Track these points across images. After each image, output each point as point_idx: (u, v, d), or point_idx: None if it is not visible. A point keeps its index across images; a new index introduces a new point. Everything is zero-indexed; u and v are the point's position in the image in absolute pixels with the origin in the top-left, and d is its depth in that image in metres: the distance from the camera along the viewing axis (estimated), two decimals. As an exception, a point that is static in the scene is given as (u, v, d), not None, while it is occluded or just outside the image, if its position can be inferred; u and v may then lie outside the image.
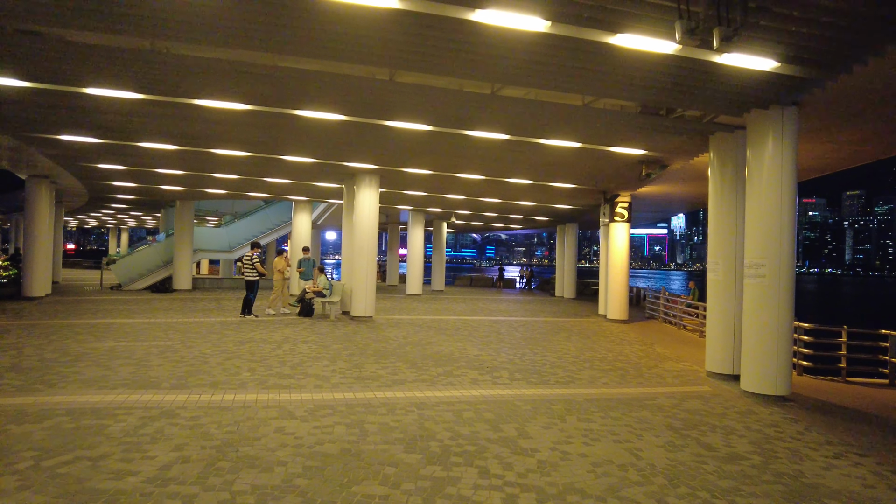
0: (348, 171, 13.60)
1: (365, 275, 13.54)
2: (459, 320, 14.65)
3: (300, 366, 8.03)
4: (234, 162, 12.97)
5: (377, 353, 9.25)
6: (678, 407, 6.74)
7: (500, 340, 11.37)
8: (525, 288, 34.45)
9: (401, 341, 10.66)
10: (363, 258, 13.61)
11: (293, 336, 10.78)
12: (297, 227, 21.16)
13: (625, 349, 11.16)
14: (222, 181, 16.20)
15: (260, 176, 15.13)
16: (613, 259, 16.62)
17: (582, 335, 12.88)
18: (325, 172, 14.23)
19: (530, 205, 19.74)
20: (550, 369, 8.63)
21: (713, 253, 8.87)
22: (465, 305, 19.42)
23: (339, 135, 9.97)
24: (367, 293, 13.59)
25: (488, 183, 14.70)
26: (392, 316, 15.00)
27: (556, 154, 10.70)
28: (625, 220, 16.50)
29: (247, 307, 13.64)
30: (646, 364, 9.61)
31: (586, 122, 8.53)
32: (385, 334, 11.50)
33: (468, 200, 19.16)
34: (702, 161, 11.18)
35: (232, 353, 8.85)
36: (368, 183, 13.65)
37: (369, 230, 13.68)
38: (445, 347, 10.16)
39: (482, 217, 25.79)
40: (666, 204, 19.63)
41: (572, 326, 14.58)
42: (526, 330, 13.29)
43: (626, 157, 10.87)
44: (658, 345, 12.14)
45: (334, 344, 10.03)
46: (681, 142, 9.54)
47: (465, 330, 12.74)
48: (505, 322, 14.72)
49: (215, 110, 8.43)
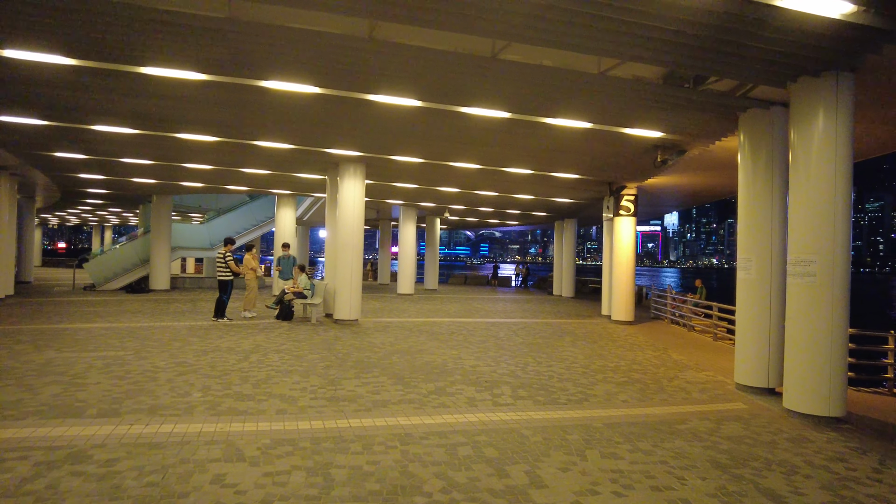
0: (331, 159, 12.36)
1: (350, 274, 12.33)
2: (453, 323, 13.47)
3: (265, 383, 6.81)
4: (204, 150, 11.70)
5: (359, 365, 8.04)
6: (717, 433, 5.59)
7: (499, 347, 10.19)
8: (521, 286, 33.33)
9: (387, 349, 9.46)
10: (348, 255, 12.39)
11: (265, 344, 9.55)
12: (281, 224, 19.89)
13: (638, 356, 10.02)
14: (196, 173, 14.92)
15: (235, 166, 13.86)
16: (619, 256, 15.48)
17: (588, 339, 11.73)
18: (306, 161, 12.99)
19: (528, 198, 18.58)
20: (559, 383, 7.45)
21: (744, 248, 7.72)
22: (460, 306, 18.23)
23: (317, 113, 8.74)
24: (352, 294, 12.37)
25: (485, 173, 13.50)
26: (380, 318, 13.78)
27: (563, 137, 9.52)
28: (630, 214, 15.36)
29: (219, 310, 12.40)
30: (665, 374, 8.46)
31: (600, 95, 7.34)
32: (370, 341, 10.29)
33: (463, 194, 17.96)
34: (722, 147, 10.04)
35: (189, 365, 7.61)
36: (353, 173, 12.42)
37: (355, 225, 12.45)
38: (437, 356, 8.97)
39: (477, 212, 24.61)
40: (671, 197, 18.51)
41: (576, 329, 13.43)
42: (526, 334, 12.13)
43: (641, 141, 9.70)
44: (672, 350, 11.02)
45: (311, 353, 8.81)
46: (705, 121, 8.38)
47: (459, 335, 11.55)
48: (503, 325, 13.55)
49: (166, 82, 7.18)
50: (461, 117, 8.43)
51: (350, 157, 12.05)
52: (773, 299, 7.41)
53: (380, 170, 13.50)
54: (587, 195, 17.26)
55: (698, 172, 12.90)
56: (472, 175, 13.78)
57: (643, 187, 15.46)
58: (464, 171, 13.25)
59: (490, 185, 15.99)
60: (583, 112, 8.07)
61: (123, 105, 8.51)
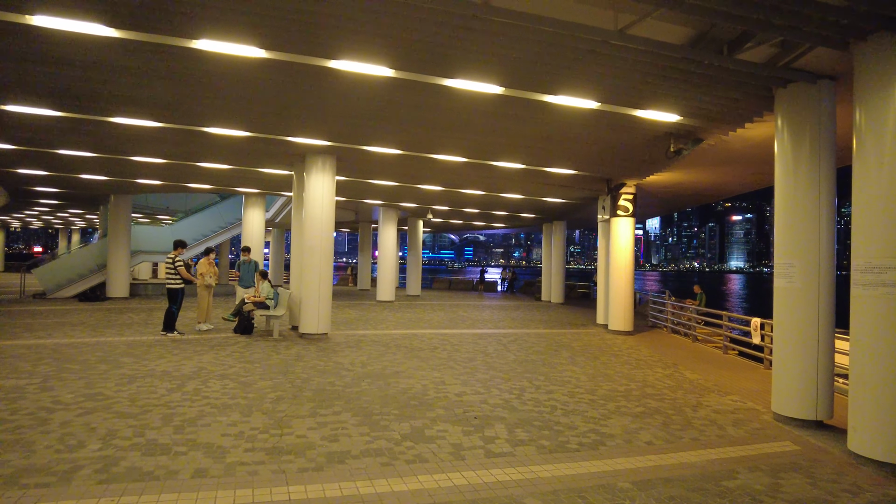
0: (296, 150, 10.87)
1: (317, 281, 10.82)
2: (437, 335, 12.02)
3: (193, 425, 5.30)
4: (148, 138, 10.14)
5: (318, 396, 6.56)
6: (778, 493, 4.24)
7: (489, 366, 8.78)
8: (507, 291, 32.00)
9: (357, 372, 7.98)
10: (315, 260, 10.88)
11: (211, 366, 8.02)
12: (249, 226, 18.27)
13: (647, 376, 8.68)
14: (148, 168, 13.30)
15: (190, 160, 12.29)
16: (616, 260, 14.18)
17: (587, 354, 10.38)
18: (268, 153, 11.48)
19: (517, 198, 17.23)
20: (564, 417, 6.06)
21: (785, 252, 6.41)
22: (444, 314, 16.79)
23: (269, 87, 7.26)
24: (321, 304, 10.86)
25: (471, 168, 12.11)
26: (354, 331, 12.28)
27: (563, 121, 8.17)
28: (629, 215, 14.09)
29: (169, 323, 10.82)
30: (685, 401, 7.12)
31: (613, 64, 5.98)
32: (338, 360, 8.80)
33: (446, 193, 16.55)
34: (739, 137, 8.79)
35: (103, 399, 6.07)
36: (322, 167, 10.93)
37: (323, 225, 10.96)
38: (416, 381, 7.52)
39: (462, 214, 23.23)
40: (669, 198, 17.28)
41: (572, 341, 12.07)
42: (518, 348, 10.73)
43: (652, 127, 8.39)
44: (683, 366, 9.72)
45: (262, 379, 7.30)
46: (733, 101, 7.08)
47: (442, 350, 10.11)
48: (492, 336, 12.14)
49: (76, 42, 5.67)
50: (444, 93, 7.03)
51: (317, 148, 10.57)
52: (821, 313, 6.11)
53: (353, 164, 12.03)
54: (581, 195, 15.96)
55: (706, 168, 11.66)
56: (457, 170, 12.38)
57: (642, 186, 14.21)
58: (447, 166, 11.84)
59: (476, 183, 14.60)
60: (590, 86, 6.69)
61: (34, 76, 6.95)
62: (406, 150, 10.40)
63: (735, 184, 13.80)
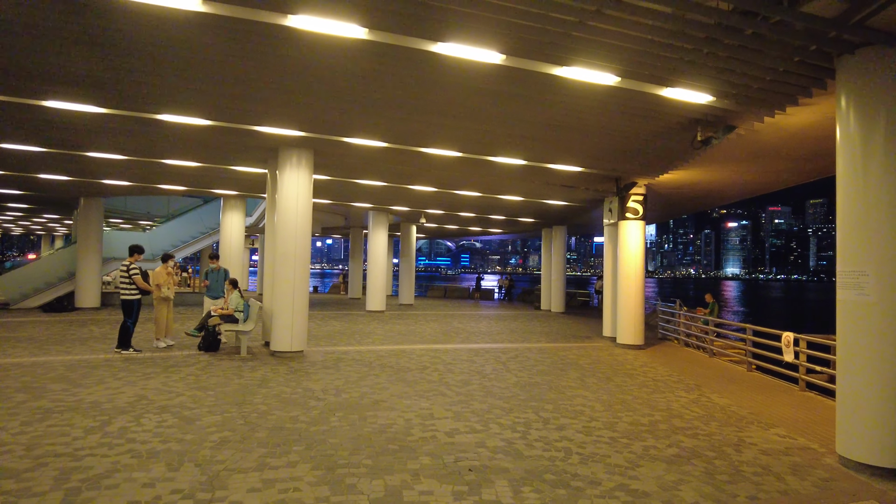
0: (268, 143, 9.61)
1: (290, 292, 9.53)
2: (428, 352, 10.73)
3: (93, 487, 3.98)
4: (94, 128, 8.87)
5: (273, 438, 5.26)
6: None
7: (487, 392, 7.49)
8: (504, 299, 30.73)
9: (328, 402, 6.68)
10: (289, 268, 9.59)
11: (155, 394, 6.70)
12: (228, 231, 16.93)
13: (671, 401, 7.42)
14: (109, 165, 12.01)
15: (153, 156, 11.01)
16: (625, 267, 12.94)
17: (598, 374, 9.11)
18: (238, 148, 10.21)
19: (516, 201, 15.99)
20: (582, 466, 4.78)
21: (853, 259, 5.18)
22: (437, 326, 15.50)
23: (218, 53, 5.99)
24: (295, 318, 9.56)
25: (466, 165, 10.88)
26: (335, 347, 10.97)
27: (572, 103, 6.94)
28: (639, 218, 12.87)
29: (123, 339, 9.52)
30: (724, 437, 5.86)
31: (639, 26, 4.75)
32: (309, 385, 7.49)
33: (440, 195, 15.30)
34: (775, 126, 7.60)
35: (-5, 446, 4.76)
36: (297, 162, 9.67)
37: (298, 229, 9.68)
38: (400, 413, 6.23)
39: (457, 218, 21.97)
40: (678, 201, 16.07)
41: (579, 358, 10.80)
42: (519, 366, 9.46)
43: (676, 111, 7.17)
44: (708, 388, 8.48)
45: (210, 413, 5.99)
46: (780, 74, 5.86)
47: (433, 371, 8.82)
48: (489, 353, 10.86)
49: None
50: (433, 64, 5.79)
51: (291, 140, 9.31)
52: (904, 333, 4.87)
53: (334, 159, 10.77)
54: (585, 196, 14.74)
55: (727, 165, 10.46)
56: (451, 167, 11.14)
57: (652, 187, 13.01)
58: (440, 162, 10.60)
59: (473, 183, 13.37)
60: (607, 55, 5.45)
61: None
62: (393, 142, 9.15)
63: (756, 183, 12.60)
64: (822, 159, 10.02)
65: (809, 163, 10.32)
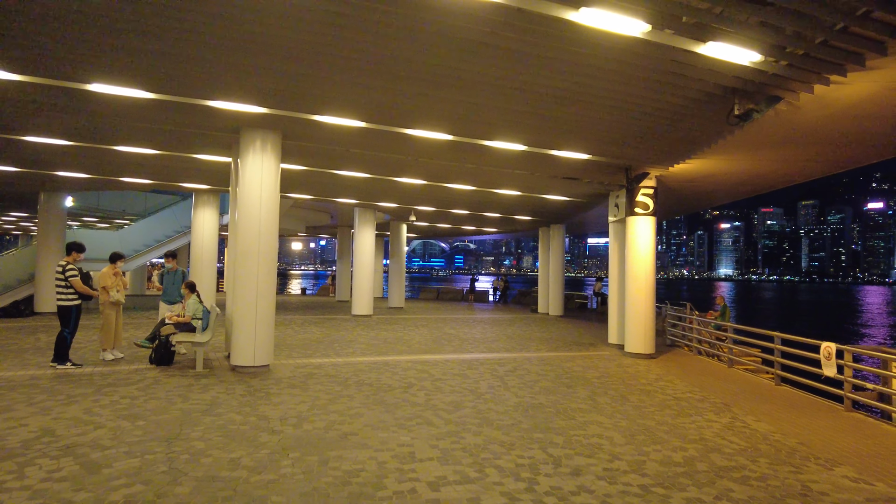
0: (228, 123, 8.29)
1: (253, 295, 8.20)
2: (415, 365, 9.43)
3: None
4: (17, 102, 7.53)
5: (195, 496, 3.93)
6: None
7: (483, 419, 6.19)
8: (499, 301, 29.46)
9: (285, 436, 5.36)
10: (250, 269, 8.26)
11: (69, 426, 5.35)
12: (199, 231, 15.53)
13: (702, 428, 6.18)
14: (56, 152, 10.62)
15: (101, 141, 9.65)
16: (634, 268, 11.69)
17: (610, 391, 7.85)
18: (196, 130, 8.87)
19: (513, 196, 14.71)
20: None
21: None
22: (428, 332, 14.19)
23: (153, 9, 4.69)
24: (259, 327, 8.22)
25: (458, 151, 9.60)
26: (308, 359, 9.63)
27: (589, 63, 5.67)
28: (649, 213, 11.64)
29: (60, 351, 8.18)
30: (781, 481, 4.61)
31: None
32: (265, 412, 6.16)
33: (431, 189, 14.01)
34: (819, 101, 6.40)
35: None
36: (261, 147, 8.35)
37: (263, 223, 8.35)
38: (372, 453, 4.92)
39: (450, 216, 20.69)
40: (687, 196, 14.83)
41: (586, 370, 9.54)
42: (520, 382, 8.18)
43: (712, 76, 5.92)
44: (738, 408, 7.29)
45: (127, 456, 4.65)
46: (856, 19, 4.62)
47: (419, 389, 7.52)
48: (484, 365, 9.57)
49: None
50: (411, 6, 4.50)
51: (253, 119, 7.99)
52: None
53: (307, 143, 9.46)
54: (588, 190, 13.50)
55: (752, 152, 9.25)
56: (442, 154, 9.85)
57: (663, 180, 11.78)
58: (429, 148, 9.32)
59: (466, 175, 12.08)
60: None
61: None
62: (371, 120, 7.84)
63: (776, 175, 11.38)
64: (856, 147, 8.86)
65: (842, 150, 9.14)
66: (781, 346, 9.26)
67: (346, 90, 6.72)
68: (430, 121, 7.79)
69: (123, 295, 8.79)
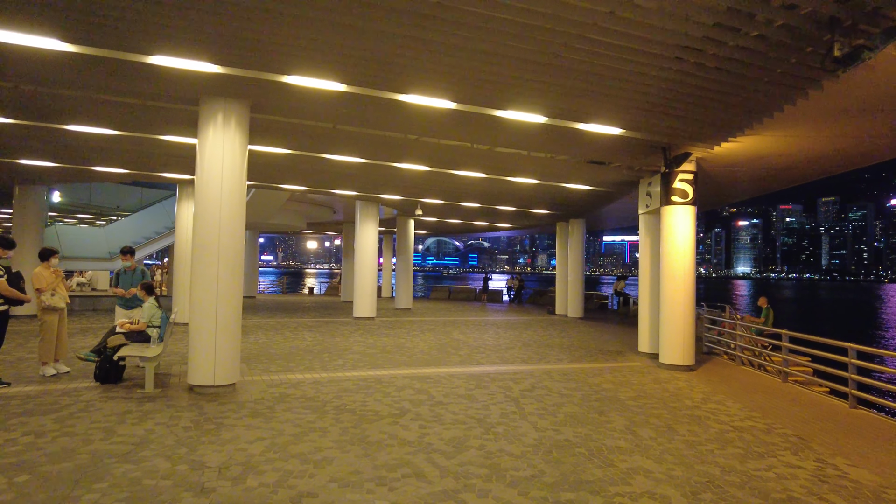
0: (187, 90, 6.82)
1: (212, 300, 6.71)
2: (412, 382, 7.90)
3: None
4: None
5: None
6: None
7: (492, 467, 4.63)
8: (513, 301, 27.83)
9: (217, 498, 3.86)
10: (209, 267, 6.76)
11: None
12: (183, 227, 14.11)
13: (785, 478, 4.59)
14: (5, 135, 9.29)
15: (47, 120, 8.28)
16: (671, 266, 10.06)
17: (651, 418, 6.25)
18: (149, 102, 7.42)
19: (529, 186, 13.10)
20: None
21: None
22: (434, 337, 12.66)
23: None
24: (220, 338, 6.73)
25: (466, 125, 8.06)
26: (287, 374, 8.14)
27: None
28: (689, 202, 10.00)
29: (-15, 366, 6.80)
30: None
31: None
32: (203, 457, 4.65)
33: (437, 177, 12.47)
34: None
35: None
36: (224, 119, 6.86)
37: (224, 212, 6.87)
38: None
39: (460, 210, 19.13)
40: (725, 186, 13.08)
41: (618, 389, 7.95)
42: (539, 406, 6.61)
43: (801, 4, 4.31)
44: (819, 444, 5.68)
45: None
46: None
47: (413, 419, 5.99)
48: (496, 381, 8.02)
49: None
50: None
51: (215, 84, 6.51)
52: None
53: (285, 120, 7.99)
54: (615, 178, 11.87)
55: (822, 124, 7.57)
56: (447, 128, 8.32)
57: (702, 165, 10.13)
58: (431, 121, 7.80)
59: (476, 159, 10.52)
60: None
61: None
62: (357, 82, 6.32)
63: (837, 156, 9.66)
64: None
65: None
66: (857, 360, 7.61)
67: (323, 34, 5.19)
68: (427, 80, 6.24)
69: (63, 298, 7.38)
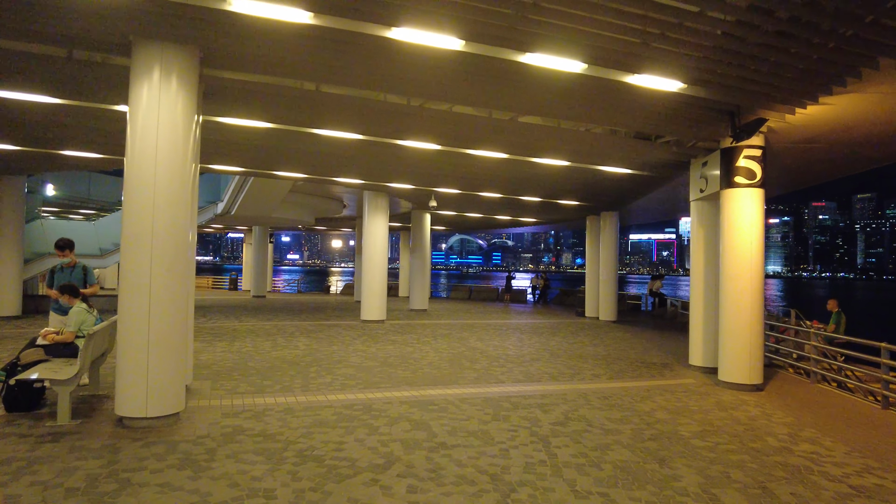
0: (114, 33, 5.24)
1: (144, 305, 5.10)
2: (410, 411, 6.21)
3: None
4: None
5: None
6: None
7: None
8: (538, 301, 25.92)
9: None
10: (141, 262, 5.11)
11: None
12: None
13: None
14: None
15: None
16: (734, 262, 8.19)
17: (731, 467, 4.43)
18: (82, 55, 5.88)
19: (558, 167, 11.24)
20: None
21: None
22: (447, 346, 10.94)
23: None
24: (154, 356, 5.11)
25: (482, 81, 6.34)
26: (253, 398, 6.49)
27: None
28: (756, 184, 8.12)
29: None
30: None
31: None
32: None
33: (450, 158, 10.74)
34: None
35: None
36: (164, 71, 5.24)
37: (160, 190, 5.24)
38: None
39: (479, 201, 17.36)
40: (798, 167, 11.08)
41: (676, 419, 6.14)
42: (575, 451, 4.85)
43: None
44: None
45: None
46: None
47: (399, 477, 4.26)
48: (518, 409, 6.27)
49: None
50: None
51: (148, 21, 4.91)
52: None
53: (253, 81, 6.38)
54: (658, 157, 9.98)
55: None
56: (457, 85, 6.59)
57: (771, 139, 8.24)
58: (435, 73, 6.09)
59: (496, 134, 8.77)
60: None
61: None
62: (327, 10, 4.65)
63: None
64: None
65: None
66: None
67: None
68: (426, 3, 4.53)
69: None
